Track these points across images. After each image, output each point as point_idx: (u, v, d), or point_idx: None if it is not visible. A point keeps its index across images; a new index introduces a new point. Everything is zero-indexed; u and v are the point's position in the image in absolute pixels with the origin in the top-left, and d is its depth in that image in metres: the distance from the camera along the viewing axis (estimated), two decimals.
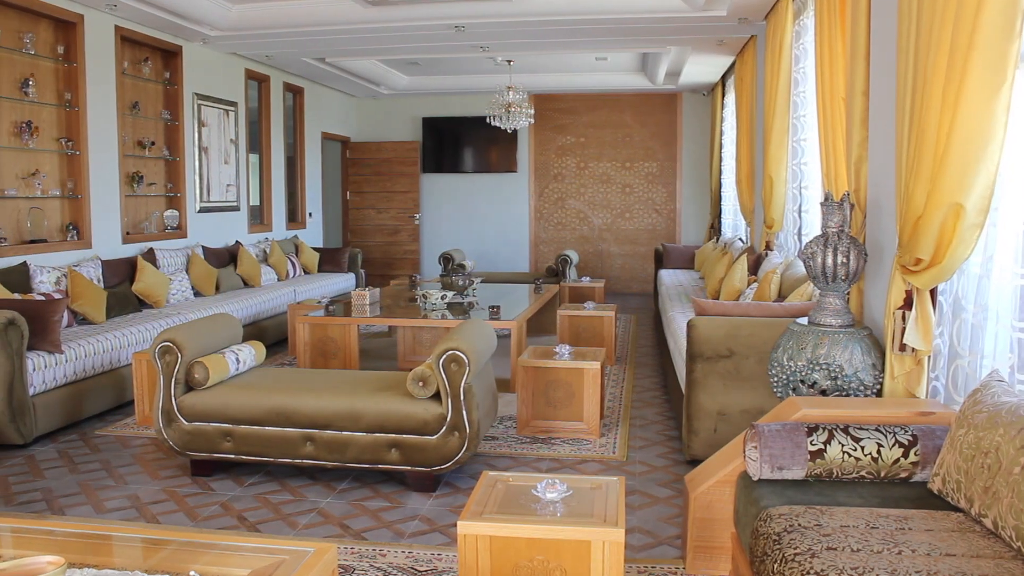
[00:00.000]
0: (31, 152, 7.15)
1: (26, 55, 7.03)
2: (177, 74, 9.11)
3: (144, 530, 2.51)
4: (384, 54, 10.80)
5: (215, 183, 9.92)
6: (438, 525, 4.15)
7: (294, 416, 4.56)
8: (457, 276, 8.12)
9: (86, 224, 7.63)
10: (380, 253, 14.30)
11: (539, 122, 13.53)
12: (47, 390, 5.62)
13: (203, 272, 8.69)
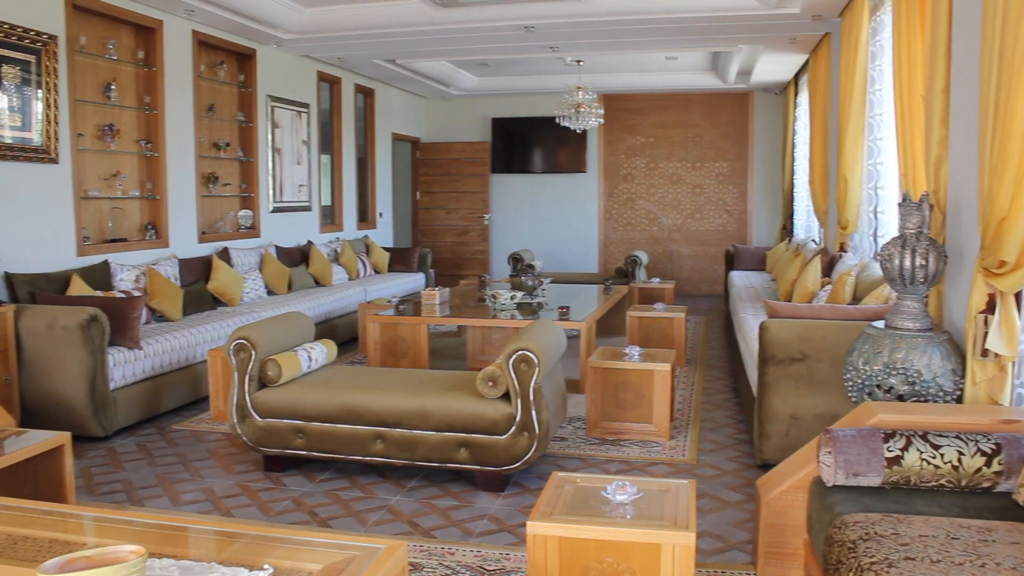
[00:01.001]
0: (113, 154, 7.35)
1: (109, 60, 7.23)
2: (251, 77, 9.28)
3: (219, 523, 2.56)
4: (454, 55, 10.87)
5: (288, 183, 10.08)
6: (507, 525, 4.15)
7: (365, 414, 4.61)
8: (526, 276, 8.12)
9: (164, 224, 7.81)
10: (449, 253, 14.38)
11: (608, 122, 13.45)
12: (126, 385, 5.77)
13: (276, 271, 8.83)
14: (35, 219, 6.30)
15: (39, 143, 6.30)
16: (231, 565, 2.14)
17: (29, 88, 6.19)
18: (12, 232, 6.06)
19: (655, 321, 7.67)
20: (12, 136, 6.07)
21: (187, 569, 2.09)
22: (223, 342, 6.62)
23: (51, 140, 6.39)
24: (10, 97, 6.04)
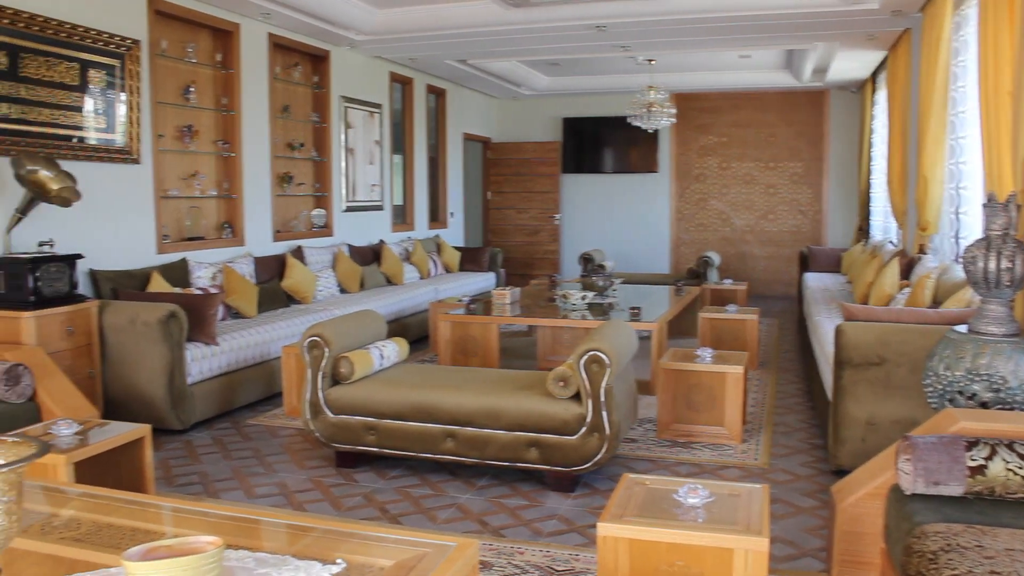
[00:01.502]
0: (191, 154, 7.52)
1: (188, 63, 7.40)
2: (325, 78, 9.41)
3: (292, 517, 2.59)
4: (525, 55, 10.87)
5: (360, 183, 10.19)
6: (576, 525, 4.14)
7: (436, 412, 4.63)
8: (597, 276, 8.09)
9: (240, 222, 7.97)
10: (520, 253, 14.40)
11: (680, 122, 13.32)
12: (203, 380, 5.89)
13: (348, 270, 8.94)
14: (118, 218, 6.48)
15: (122, 144, 6.47)
16: (304, 558, 2.16)
17: (113, 91, 6.36)
18: (97, 231, 6.23)
19: (727, 323, 7.58)
20: (97, 138, 6.24)
21: (262, 561, 2.12)
22: (297, 339, 6.72)
23: (133, 141, 6.56)
24: (95, 100, 6.21)
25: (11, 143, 5.54)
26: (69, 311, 5.42)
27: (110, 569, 2.12)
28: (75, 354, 5.44)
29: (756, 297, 13.01)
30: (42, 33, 5.74)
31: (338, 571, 2.09)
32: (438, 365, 6.94)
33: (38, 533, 2.43)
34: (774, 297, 13.32)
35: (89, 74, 6.15)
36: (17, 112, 5.60)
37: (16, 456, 1.77)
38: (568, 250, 14.35)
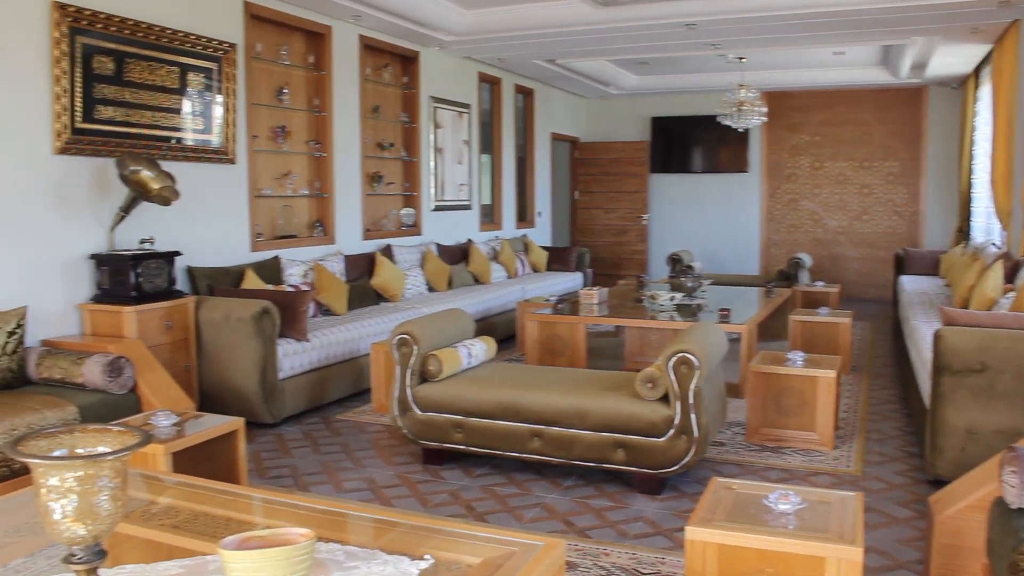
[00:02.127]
0: (284, 155, 7.68)
1: (282, 65, 7.56)
2: (415, 78, 9.50)
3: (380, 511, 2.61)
4: (614, 54, 10.81)
5: (449, 183, 10.27)
6: (662, 528, 4.09)
7: (523, 411, 4.63)
8: (686, 277, 7.99)
9: (331, 221, 8.10)
10: (607, 253, 14.33)
11: (771, 120, 13.06)
12: (294, 375, 6.00)
13: (436, 268, 9.02)
14: (214, 216, 6.65)
15: (218, 145, 6.64)
16: (393, 553, 2.18)
17: (210, 94, 6.53)
18: (194, 229, 6.41)
19: (819, 326, 7.40)
20: (194, 139, 6.42)
21: (352, 554, 2.14)
22: (386, 336, 6.80)
23: (229, 142, 6.72)
24: (193, 102, 6.39)
25: (116, 144, 5.73)
26: (168, 306, 5.59)
27: (206, 556, 2.17)
28: (173, 348, 5.61)
29: (849, 300, 12.68)
30: (145, 39, 5.92)
31: (426, 566, 2.10)
32: (525, 364, 6.94)
33: (139, 519, 2.51)
34: (867, 300, 12.97)
35: (188, 77, 6.32)
36: (122, 115, 5.80)
37: (121, 445, 1.82)
38: (656, 250, 14.23)
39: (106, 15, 5.61)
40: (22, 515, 2.57)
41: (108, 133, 5.70)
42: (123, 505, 1.78)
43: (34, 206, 5.26)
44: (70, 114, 5.42)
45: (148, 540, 2.40)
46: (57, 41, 5.31)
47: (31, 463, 1.69)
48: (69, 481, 1.68)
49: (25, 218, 5.21)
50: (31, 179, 5.24)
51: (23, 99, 5.18)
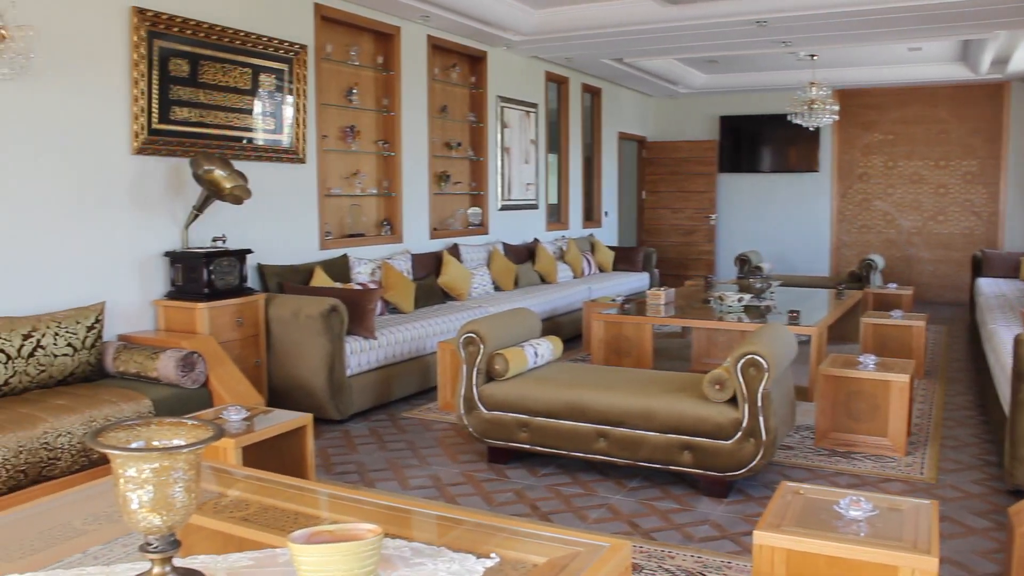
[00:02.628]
0: (353, 154, 7.76)
1: (351, 66, 7.64)
2: (482, 78, 9.54)
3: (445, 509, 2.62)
4: (682, 53, 10.70)
5: (516, 182, 10.29)
6: (729, 532, 4.04)
7: (588, 411, 4.62)
8: (754, 278, 7.90)
9: (398, 220, 8.17)
10: (674, 253, 14.21)
11: (843, 119, 12.79)
12: (361, 372, 6.07)
13: (503, 267, 9.04)
14: (284, 215, 6.75)
15: (288, 145, 6.74)
16: (458, 550, 2.19)
17: (281, 94, 6.63)
18: (265, 227, 6.51)
19: (892, 329, 7.24)
20: (265, 139, 6.52)
21: (418, 551, 2.16)
22: (452, 335, 6.83)
23: (299, 142, 6.82)
24: (264, 103, 6.49)
25: (190, 144, 5.85)
26: (239, 303, 5.69)
27: (275, 549, 2.20)
28: (243, 344, 5.71)
29: (922, 303, 12.38)
30: (219, 41, 6.04)
31: (492, 565, 2.11)
32: (591, 364, 6.92)
33: (210, 511, 2.56)
34: (942, 304, 12.65)
35: (260, 78, 6.43)
36: (196, 116, 5.92)
37: (195, 438, 1.86)
38: (723, 251, 14.07)
39: (182, 18, 5.73)
40: (100, 503, 2.64)
41: (183, 134, 5.83)
42: (196, 497, 1.82)
43: (113, 205, 5.41)
44: (147, 115, 5.56)
45: (218, 531, 2.45)
46: (136, 45, 5.45)
47: (110, 454, 1.73)
48: (146, 472, 1.72)
49: (104, 217, 5.36)
50: (110, 179, 5.39)
51: (104, 101, 5.32)
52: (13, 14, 4.59)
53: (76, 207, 5.19)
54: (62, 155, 5.10)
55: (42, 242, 5.00)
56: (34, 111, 4.92)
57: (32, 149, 4.93)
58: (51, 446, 4.01)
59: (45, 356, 4.64)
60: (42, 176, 4.99)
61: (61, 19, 5.03)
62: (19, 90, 4.81)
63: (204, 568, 1.99)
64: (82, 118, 5.20)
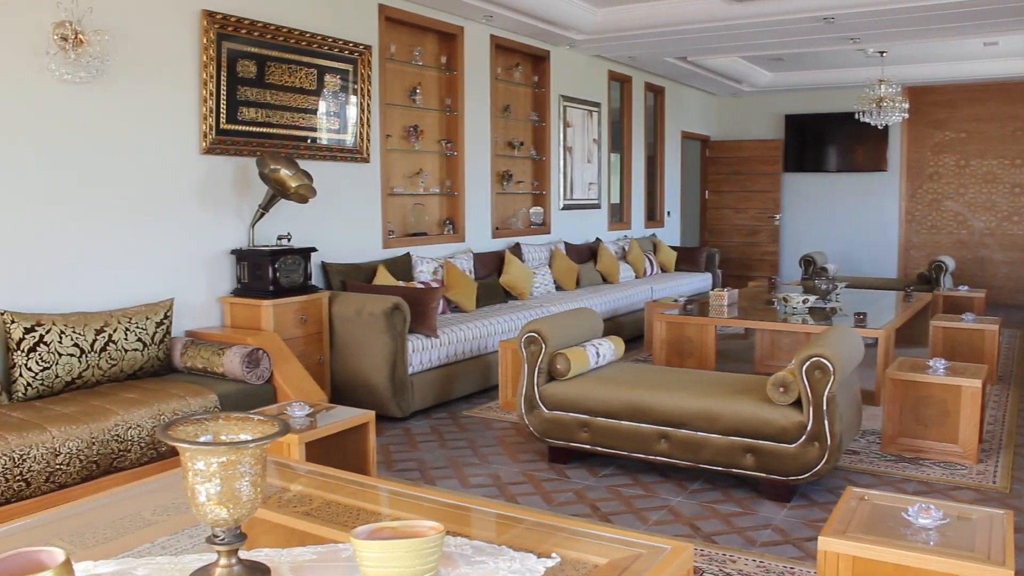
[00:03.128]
0: (416, 153, 7.82)
1: (415, 66, 7.70)
2: (545, 77, 9.53)
3: (506, 508, 2.62)
4: (747, 51, 10.58)
5: (578, 182, 10.27)
6: (792, 537, 3.98)
7: (650, 413, 4.58)
8: (820, 280, 7.77)
9: (460, 219, 8.21)
10: (737, 253, 14.06)
11: (913, 117, 12.51)
12: (423, 370, 6.10)
13: (564, 267, 9.02)
14: (348, 214, 6.82)
15: (352, 144, 6.81)
16: (519, 550, 2.19)
17: (345, 94, 6.71)
18: (329, 226, 6.59)
19: (963, 332, 7.06)
20: (329, 138, 6.60)
21: (479, 549, 2.16)
22: (513, 334, 6.84)
23: (363, 141, 6.88)
24: (329, 103, 6.57)
25: (256, 144, 5.95)
26: (303, 301, 5.76)
27: (338, 544, 2.23)
28: (307, 341, 5.78)
29: (995, 306, 12.05)
30: (285, 42, 6.13)
31: (553, 565, 2.10)
32: (653, 365, 6.87)
33: (275, 505, 2.59)
34: (1016, 307, 12.31)
35: (325, 79, 6.51)
36: (262, 116, 6.01)
37: (261, 433, 1.89)
38: (788, 252, 13.87)
39: (250, 21, 5.83)
40: (169, 495, 2.70)
41: (249, 133, 5.92)
42: (262, 491, 1.85)
43: (182, 204, 5.52)
44: (215, 116, 5.66)
45: (281, 525, 2.48)
46: (205, 47, 5.56)
47: (180, 447, 1.76)
48: (214, 466, 1.76)
49: (173, 215, 5.47)
50: (180, 178, 5.50)
51: (175, 102, 5.43)
52: (90, 19, 4.72)
53: (147, 206, 5.31)
54: (134, 155, 5.22)
55: (114, 240, 5.13)
56: (108, 113, 5.05)
57: (107, 150, 5.06)
58: (122, 438, 4.11)
59: (116, 351, 4.75)
60: (115, 176, 5.12)
61: (134, 23, 5.15)
62: (94, 93, 4.94)
63: (268, 561, 2.02)
64: (153, 119, 5.32)
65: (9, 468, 3.67)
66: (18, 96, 4.60)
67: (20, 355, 4.37)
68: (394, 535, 1.86)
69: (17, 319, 4.40)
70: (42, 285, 4.75)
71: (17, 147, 4.62)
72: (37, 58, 4.63)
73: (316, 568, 2.06)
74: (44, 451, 3.80)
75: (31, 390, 4.39)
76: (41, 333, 4.44)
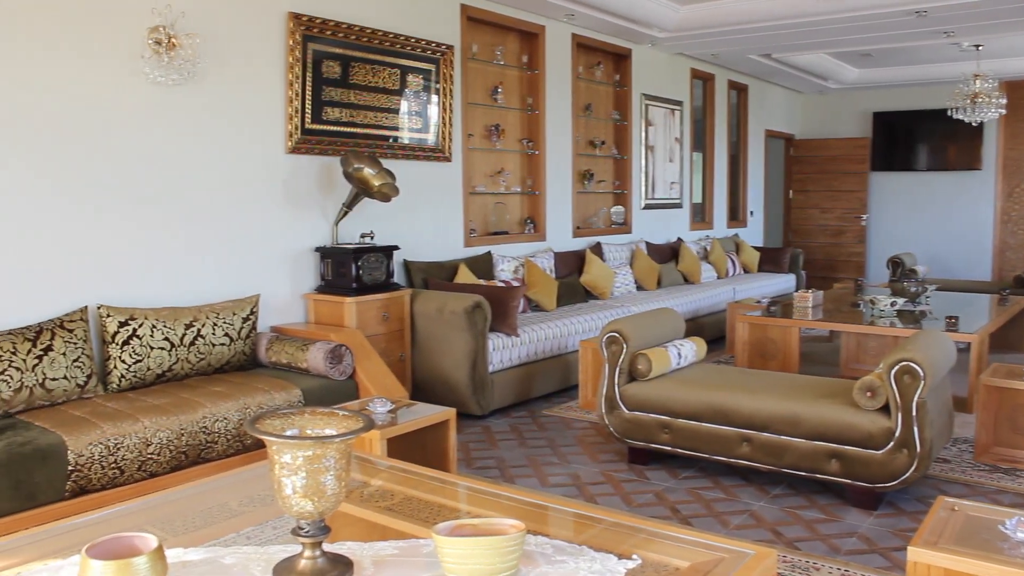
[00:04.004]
0: (497, 152, 7.84)
1: (496, 65, 7.72)
2: (626, 76, 9.47)
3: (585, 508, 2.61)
4: (834, 47, 10.34)
5: (659, 181, 10.18)
6: (878, 547, 3.87)
7: (732, 415, 4.52)
8: (908, 282, 7.56)
9: (541, 218, 8.21)
10: (822, 254, 13.77)
11: (1011, 113, 12.03)
12: (503, 369, 6.12)
13: (646, 267, 8.96)
14: (430, 213, 6.88)
15: (434, 143, 6.86)
16: (599, 550, 2.17)
17: (427, 94, 6.76)
18: (411, 224, 6.66)
19: None
20: (411, 137, 6.66)
21: (559, 548, 2.15)
22: (594, 334, 6.82)
23: (445, 140, 6.93)
24: (411, 102, 6.63)
25: (341, 143, 6.04)
26: (385, 298, 5.83)
27: (419, 540, 2.24)
28: (388, 338, 5.84)
29: None
30: (369, 43, 6.21)
31: (633, 566, 2.09)
32: (735, 367, 6.77)
33: (356, 499, 2.63)
34: None
35: (407, 79, 6.57)
36: (346, 116, 6.10)
37: (346, 428, 1.91)
38: (875, 253, 13.53)
39: (335, 22, 5.92)
40: (254, 487, 2.76)
41: (333, 133, 6.02)
42: (346, 485, 1.87)
43: (268, 202, 5.64)
44: (301, 116, 5.76)
45: (363, 519, 2.51)
46: (291, 48, 5.66)
47: (267, 440, 1.80)
48: (300, 459, 1.78)
49: (260, 213, 5.59)
50: (266, 177, 5.62)
51: (262, 103, 5.55)
52: (182, 23, 4.85)
53: (234, 204, 5.43)
54: (223, 155, 5.35)
55: (203, 237, 5.26)
56: (198, 114, 5.18)
57: (196, 150, 5.19)
58: (209, 430, 4.21)
59: (205, 345, 4.87)
60: (204, 175, 5.25)
61: (223, 26, 5.27)
62: (185, 94, 5.08)
63: (350, 554, 2.04)
64: (241, 119, 5.44)
65: (105, 456, 3.80)
66: (116, 99, 4.76)
67: (115, 347, 4.52)
68: (475, 532, 1.87)
69: (112, 313, 4.55)
70: (135, 281, 4.91)
71: (114, 149, 4.78)
72: (132, 62, 4.78)
73: (397, 563, 2.08)
74: (137, 440, 3.92)
75: (124, 381, 4.53)
76: (134, 327, 4.59)
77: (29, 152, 4.43)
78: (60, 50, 4.52)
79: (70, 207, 4.61)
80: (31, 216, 4.45)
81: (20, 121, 4.38)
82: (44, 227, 4.51)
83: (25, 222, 4.43)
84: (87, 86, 4.64)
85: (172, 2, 4.82)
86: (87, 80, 4.64)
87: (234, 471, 3.01)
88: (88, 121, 4.66)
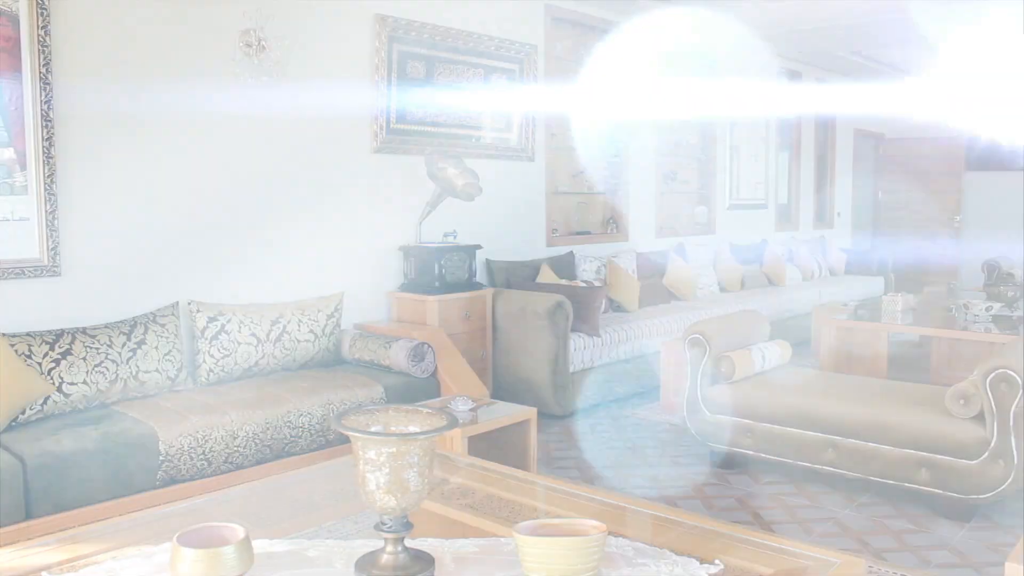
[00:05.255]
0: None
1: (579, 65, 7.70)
2: None
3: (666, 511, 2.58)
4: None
5: (744, 182, 10.03)
6: (971, 560, 3.75)
7: (818, 420, 4.43)
8: (1005, 286, 7.30)
9: (624, 219, 8.16)
10: (912, 257, 13.39)
11: None
12: (584, 369, 6.10)
13: (729, 268, 8.84)
14: (513, 212, 6.90)
15: (517, 143, 6.88)
16: (681, 554, 2.15)
17: (510, 94, 6.78)
18: (494, 224, 6.68)
19: None
20: (494, 137, 6.69)
21: (640, 551, 2.14)
22: (676, 335, 6.75)
23: (528, 140, 6.94)
24: (494, 103, 6.66)
25: (425, 143, 6.10)
26: (467, 297, 5.87)
27: (500, 538, 2.25)
28: (470, 337, 5.88)
29: None
30: (453, 44, 6.26)
31: (715, 571, 2.06)
32: (821, 371, 6.63)
33: (437, 496, 2.65)
34: None
35: (491, 79, 6.60)
36: (430, 116, 6.16)
37: (430, 426, 1.93)
38: (968, 256, 13.08)
39: (419, 23, 5.98)
40: (337, 482, 2.80)
41: (418, 133, 6.08)
42: (428, 482, 1.89)
43: (353, 201, 5.73)
44: (386, 116, 5.84)
45: (443, 516, 2.53)
46: (377, 49, 5.74)
47: (353, 436, 1.82)
48: (384, 456, 1.81)
49: (345, 212, 5.68)
50: (352, 176, 5.71)
51: (348, 104, 5.65)
52: (272, 26, 4.96)
53: (320, 203, 5.53)
54: (310, 154, 5.45)
55: (290, 235, 5.37)
56: (287, 115, 5.29)
57: (284, 149, 5.30)
58: (293, 424, 4.30)
59: (290, 341, 4.97)
60: (291, 174, 5.36)
61: (311, 28, 5.37)
62: (275, 96, 5.18)
63: (432, 550, 2.06)
64: (328, 120, 5.54)
65: (193, 447, 3.91)
66: (210, 101, 4.89)
67: (204, 342, 4.64)
68: (557, 532, 1.87)
69: (201, 308, 4.68)
70: (223, 277, 5.03)
71: (206, 150, 4.91)
72: (225, 64, 4.90)
73: (478, 560, 2.08)
74: (224, 433, 4.02)
75: (212, 375, 4.65)
76: (222, 322, 4.70)
77: (133, 157, 4.58)
78: (168, 60, 4.67)
79: (165, 207, 4.75)
80: (132, 216, 4.60)
81: (127, 128, 4.53)
82: (142, 226, 4.65)
83: (127, 221, 4.58)
84: (185, 92, 4.77)
85: (261, 6, 4.93)
86: (185, 87, 4.77)
87: (317, 465, 3.06)
88: (185, 124, 4.80)
